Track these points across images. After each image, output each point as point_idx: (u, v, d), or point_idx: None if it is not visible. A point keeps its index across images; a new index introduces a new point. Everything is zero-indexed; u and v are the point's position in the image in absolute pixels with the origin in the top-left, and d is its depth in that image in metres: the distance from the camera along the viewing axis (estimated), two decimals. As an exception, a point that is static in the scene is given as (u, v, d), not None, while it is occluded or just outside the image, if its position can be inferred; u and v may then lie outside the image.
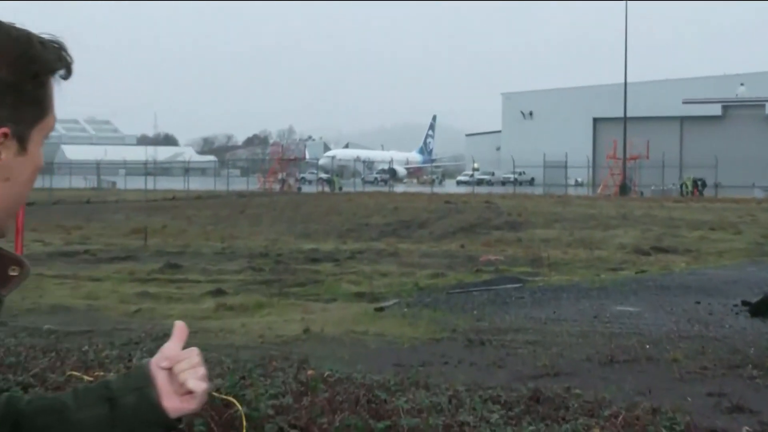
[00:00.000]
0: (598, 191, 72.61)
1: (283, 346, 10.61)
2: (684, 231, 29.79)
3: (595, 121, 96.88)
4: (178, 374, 1.51)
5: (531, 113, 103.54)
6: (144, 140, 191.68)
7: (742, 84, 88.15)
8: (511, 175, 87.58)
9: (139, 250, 22.79)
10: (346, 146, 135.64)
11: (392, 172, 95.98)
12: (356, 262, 20.42)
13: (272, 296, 15.03)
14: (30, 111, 1.41)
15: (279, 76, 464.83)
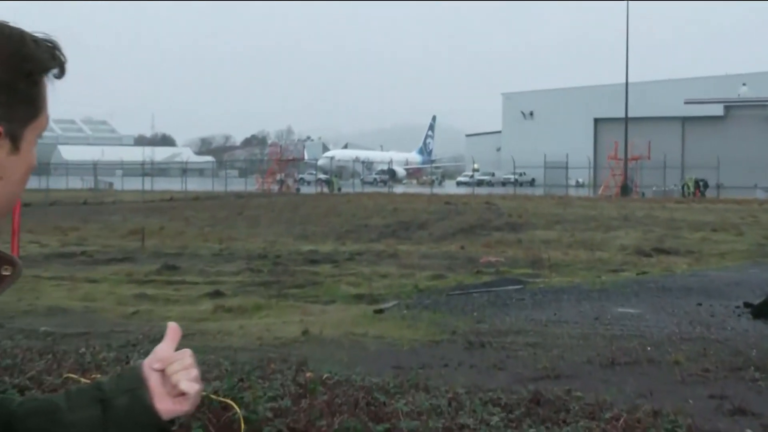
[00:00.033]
0: (599, 192, 72.64)
1: (281, 348, 10.57)
2: (686, 232, 29.75)
3: (596, 121, 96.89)
4: (171, 376, 1.51)
5: (531, 113, 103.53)
6: (141, 140, 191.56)
7: (744, 84, 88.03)
8: (512, 176, 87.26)
9: (137, 252, 22.75)
10: (345, 147, 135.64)
11: (391, 173, 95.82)
12: (355, 264, 20.38)
13: (271, 298, 15.00)
14: (23, 110, 1.42)
15: (277, 76, 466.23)
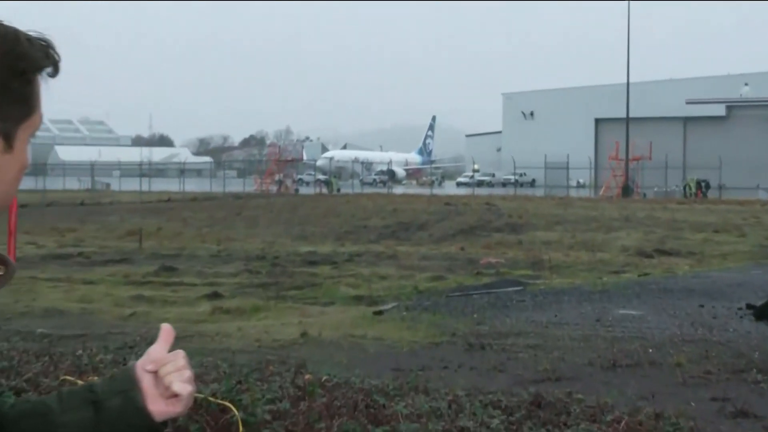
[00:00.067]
0: (600, 193, 72.73)
1: (280, 350, 10.53)
2: (687, 233, 29.70)
3: (597, 121, 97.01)
4: (164, 377, 1.51)
5: (532, 113, 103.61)
6: (139, 141, 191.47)
7: (746, 84, 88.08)
8: (512, 177, 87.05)
9: (134, 253, 22.72)
10: (344, 147, 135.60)
11: (391, 174, 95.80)
12: (354, 265, 20.34)
13: (269, 299, 14.96)
14: (16, 109, 1.41)
15: (276, 76, 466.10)
